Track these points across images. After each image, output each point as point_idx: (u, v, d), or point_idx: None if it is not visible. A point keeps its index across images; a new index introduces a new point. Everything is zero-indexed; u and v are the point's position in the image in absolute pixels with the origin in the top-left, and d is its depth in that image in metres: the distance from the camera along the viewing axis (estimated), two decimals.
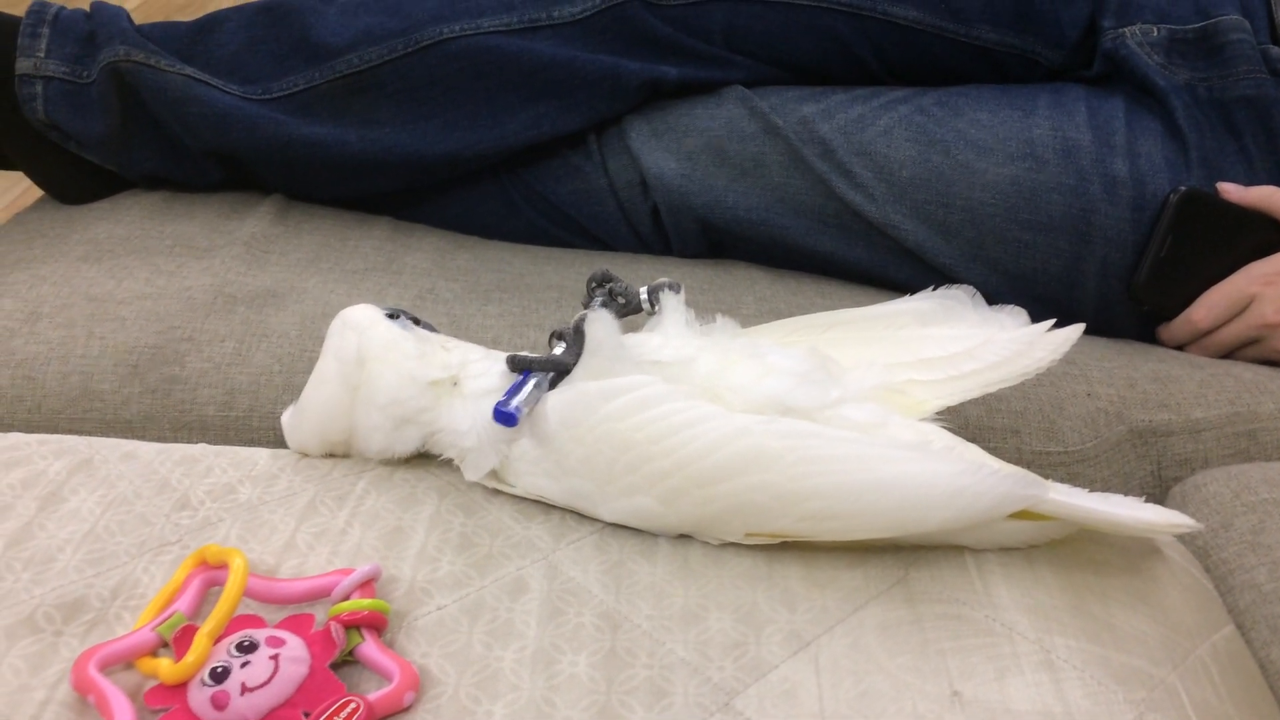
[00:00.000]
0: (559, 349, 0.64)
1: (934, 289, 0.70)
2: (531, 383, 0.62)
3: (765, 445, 0.57)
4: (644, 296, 0.73)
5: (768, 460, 0.57)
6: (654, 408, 0.59)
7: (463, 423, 0.63)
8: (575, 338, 0.63)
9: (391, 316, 0.66)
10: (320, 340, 0.77)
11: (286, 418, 0.67)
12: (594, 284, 0.75)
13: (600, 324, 0.63)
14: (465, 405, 0.63)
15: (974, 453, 0.60)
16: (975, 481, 0.55)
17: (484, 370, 0.65)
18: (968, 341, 0.66)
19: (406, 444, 0.64)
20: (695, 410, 0.59)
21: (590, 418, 0.60)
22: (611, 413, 0.59)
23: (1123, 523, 0.58)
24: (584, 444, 0.60)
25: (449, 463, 0.65)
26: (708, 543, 0.60)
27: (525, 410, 0.61)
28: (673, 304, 0.69)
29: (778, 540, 0.59)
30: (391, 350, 0.64)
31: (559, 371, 0.63)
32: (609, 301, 0.73)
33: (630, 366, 0.62)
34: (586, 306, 0.72)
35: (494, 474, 0.63)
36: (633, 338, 0.66)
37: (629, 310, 0.73)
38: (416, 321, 0.68)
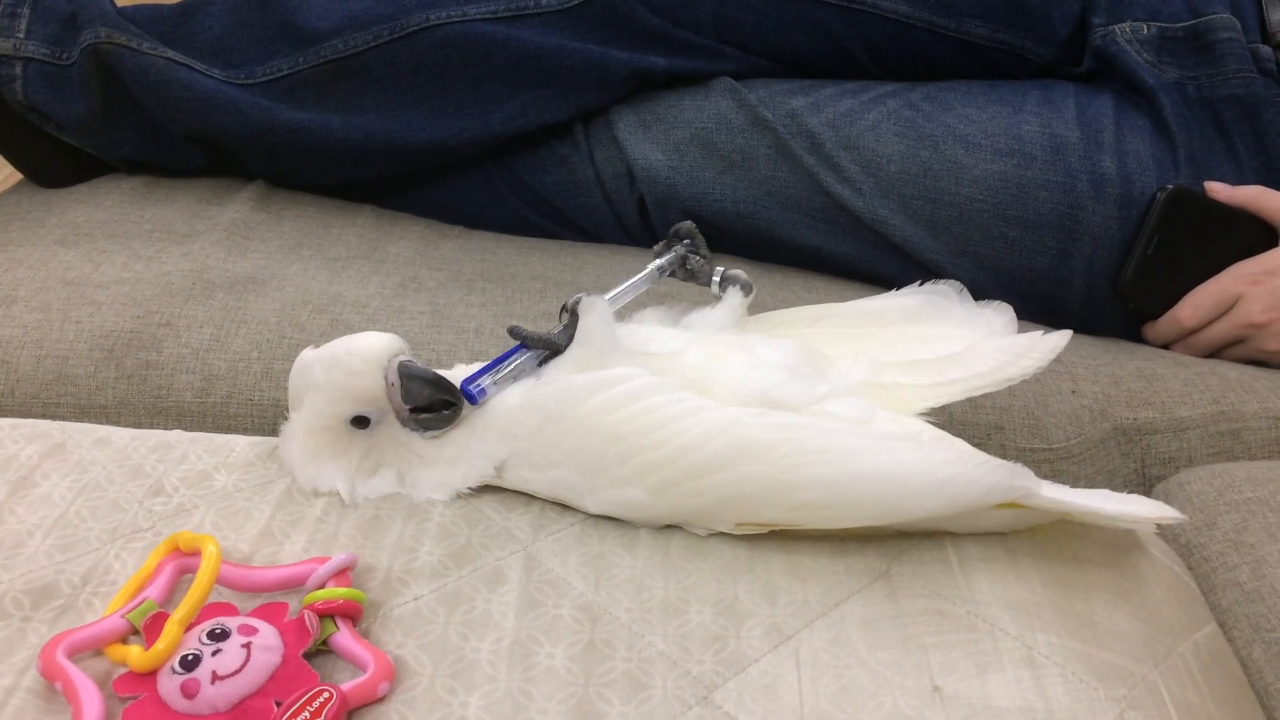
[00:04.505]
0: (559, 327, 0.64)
1: (921, 284, 0.69)
2: (511, 364, 0.62)
3: (757, 436, 0.57)
4: (716, 279, 0.70)
5: (760, 451, 0.56)
6: (642, 400, 0.58)
7: (438, 493, 0.61)
8: (570, 320, 0.63)
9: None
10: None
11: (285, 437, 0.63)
12: (675, 235, 0.71)
13: (595, 312, 0.62)
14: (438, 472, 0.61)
15: (962, 445, 0.60)
16: (966, 470, 0.55)
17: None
18: (955, 344, 0.65)
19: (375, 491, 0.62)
20: (685, 403, 0.58)
21: (578, 410, 0.59)
22: (600, 405, 0.59)
23: (1108, 515, 0.58)
24: (572, 436, 0.59)
25: None
26: (689, 535, 0.59)
27: (491, 393, 0.60)
28: (734, 302, 0.67)
29: (767, 530, 0.58)
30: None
31: (551, 351, 0.63)
32: (679, 265, 0.70)
33: (621, 357, 0.62)
34: (658, 255, 0.70)
35: None
36: (623, 328, 0.65)
37: (692, 280, 0.71)
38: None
